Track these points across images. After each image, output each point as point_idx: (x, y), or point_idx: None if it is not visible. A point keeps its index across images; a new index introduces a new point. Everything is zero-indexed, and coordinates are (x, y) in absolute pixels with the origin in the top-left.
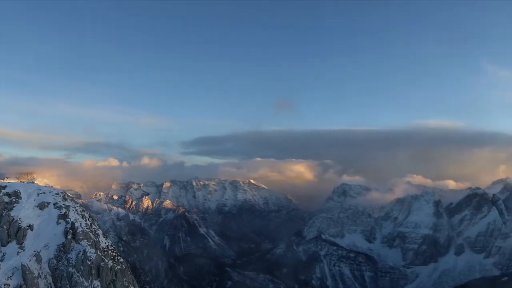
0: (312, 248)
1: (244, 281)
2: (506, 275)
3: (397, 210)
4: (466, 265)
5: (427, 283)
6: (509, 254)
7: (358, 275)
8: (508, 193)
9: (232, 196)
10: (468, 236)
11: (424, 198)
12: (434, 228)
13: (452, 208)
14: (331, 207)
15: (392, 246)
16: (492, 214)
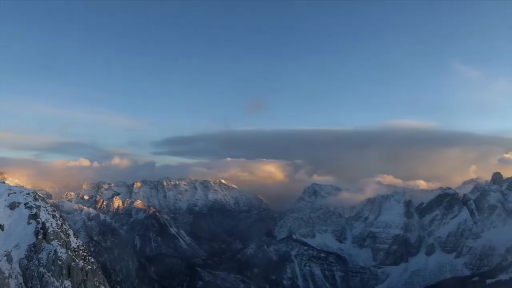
0: (283, 248)
1: (215, 281)
2: (476, 275)
3: (367, 210)
4: (437, 265)
5: (398, 283)
6: (479, 254)
7: (329, 275)
8: (479, 193)
9: (203, 196)
10: (439, 236)
11: (395, 198)
12: (405, 228)
13: (423, 208)
14: (301, 207)
15: (362, 246)
16: (462, 214)
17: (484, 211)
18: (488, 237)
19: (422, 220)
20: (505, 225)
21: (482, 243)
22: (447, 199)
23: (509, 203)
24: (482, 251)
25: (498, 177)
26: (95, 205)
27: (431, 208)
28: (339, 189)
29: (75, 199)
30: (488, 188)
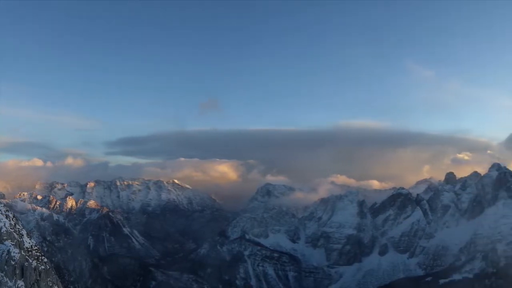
0: (236, 248)
1: (168, 281)
2: (430, 275)
3: (321, 210)
4: (390, 265)
5: (351, 283)
6: (433, 254)
7: (282, 275)
8: (432, 193)
9: (156, 196)
10: (392, 236)
11: (348, 198)
12: (358, 228)
13: (376, 208)
14: (255, 207)
15: (316, 246)
16: (416, 214)
17: (437, 211)
18: (441, 237)
19: (376, 220)
20: (458, 225)
21: (435, 243)
22: (400, 199)
23: (462, 203)
24: (435, 251)
25: (451, 177)
26: (49, 205)
27: (384, 208)
28: (292, 189)
29: (28, 199)
30: (441, 188)
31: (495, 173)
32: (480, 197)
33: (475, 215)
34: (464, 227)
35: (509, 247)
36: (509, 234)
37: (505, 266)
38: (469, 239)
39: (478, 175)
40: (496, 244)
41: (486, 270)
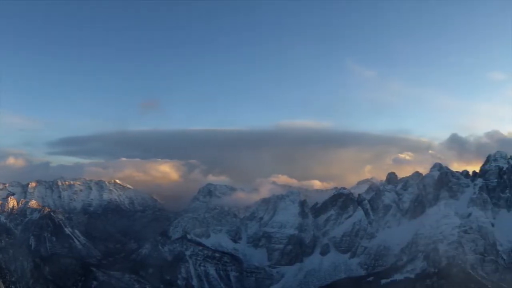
0: (177, 248)
1: (109, 281)
2: (371, 275)
3: (262, 210)
4: (332, 265)
5: (293, 283)
6: (374, 254)
7: (224, 275)
8: (374, 193)
9: (97, 196)
10: (334, 236)
11: (290, 198)
12: (300, 228)
13: (318, 208)
14: (196, 207)
15: (257, 246)
16: (357, 214)
17: (378, 211)
18: (382, 237)
19: (317, 220)
20: (400, 225)
21: (377, 243)
22: (341, 199)
23: (404, 203)
24: (376, 251)
25: (393, 177)
26: None
27: (326, 208)
28: (234, 189)
29: None
30: (382, 188)
31: (437, 173)
32: (422, 197)
33: (416, 215)
34: (405, 227)
35: (450, 247)
36: (451, 234)
37: (447, 266)
38: (411, 239)
39: (420, 175)
40: (437, 244)
41: (428, 270)
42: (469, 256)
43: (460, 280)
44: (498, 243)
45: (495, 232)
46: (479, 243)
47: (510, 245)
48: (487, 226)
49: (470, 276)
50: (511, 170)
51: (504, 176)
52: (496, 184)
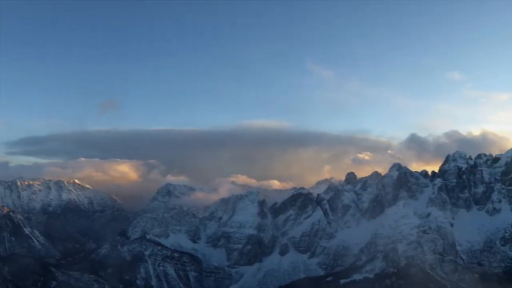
0: (136, 248)
1: (68, 281)
2: (330, 275)
3: (221, 210)
4: (291, 265)
5: (252, 283)
6: (333, 254)
7: (183, 275)
8: (333, 193)
9: (56, 196)
10: (293, 236)
11: (249, 198)
12: (259, 228)
13: (277, 208)
14: (155, 207)
15: (216, 246)
16: (316, 214)
17: (338, 211)
18: (342, 237)
19: (276, 220)
20: (359, 225)
21: (336, 243)
22: (300, 199)
23: (363, 203)
24: (336, 251)
25: (352, 177)
26: None
27: (285, 208)
28: (193, 189)
29: None
30: (342, 188)
31: (396, 173)
32: (381, 197)
33: (375, 215)
34: (364, 227)
35: (409, 247)
36: (410, 234)
37: (406, 266)
38: (370, 239)
39: (379, 175)
40: (396, 244)
41: (387, 270)
42: (428, 256)
43: (419, 280)
44: (457, 243)
45: (454, 232)
46: (438, 243)
47: (469, 245)
48: (446, 226)
49: (429, 276)
50: (470, 170)
51: (463, 176)
52: (455, 184)
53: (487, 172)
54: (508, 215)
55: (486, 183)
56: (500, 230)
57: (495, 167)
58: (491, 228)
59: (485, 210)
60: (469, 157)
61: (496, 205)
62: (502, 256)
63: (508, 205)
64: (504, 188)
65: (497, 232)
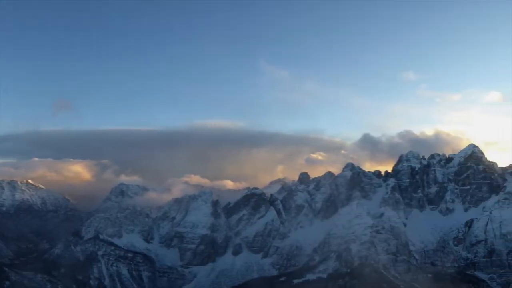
0: (89, 248)
1: (22, 281)
2: (284, 275)
3: (175, 210)
4: (244, 265)
5: (205, 283)
6: (286, 254)
7: (136, 275)
8: (286, 193)
9: (10, 196)
10: (246, 236)
11: (202, 198)
12: (212, 228)
13: (230, 208)
14: (108, 207)
15: (170, 246)
16: (269, 214)
17: (291, 211)
18: (295, 237)
19: (229, 220)
20: (312, 225)
21: (289, 243)
22: (254, 199)
23: (316, 203)
24: (289, 251)
25: (305, 177)
26: None
27: (238, 208)
28: (146, 189)
29: None
30: (295, 188)
31: (349, 173)
32: (334, 197)
33: (329, 215)
34: (318, 227)
35: (362, 247)
36: (363, 234)
37: (359, 266)
38: (323, 239)
39: (332, 175)
40: (350, 244)
41: (340, 270)
42: (382, 256)
43: (372, 280)
44: (410, 243)
45: (407, 232)
46: (392, 243)
47: (422, 245)
48: (399, 226)
49: (383, 276)
50: (423, 170)
51: (416, 176)
52: (408, 184)
53: (440, 172)
54: (461, 215)
55: (439, 183)
56: (453, 230)
57: (448, 167)
58: (444, 228)
59: (438, 210)
60: (422, 157)
61: (449, 205)
62: (455, 256)
63: (461, 205)
64: (457, 188)
65: (450, 232)
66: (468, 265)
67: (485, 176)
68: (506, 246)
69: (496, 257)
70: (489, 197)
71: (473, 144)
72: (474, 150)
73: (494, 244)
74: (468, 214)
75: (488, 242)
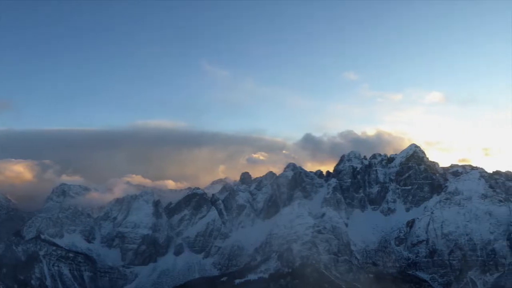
0: (31, 248)
1: None
2: (225, 275)
3: (116, 210)
4: (186, 265)
5: (147, 283)
6: (228, 254)
7: (78, 275)
8: (227, 193)
9: None
10: (188, 236)
11: (144, 198)
12: (154, 228)
13: (172, 208)
14: (50, 207)
15: (111, 246)
16: (211, 214)
17: (232, 211)
18: (236, 237)
19: (171, 220)
20: (254, 225)
21: (231, 243)
22: (195, 199)
23: (258, 203)
24: (230, 251)
25: (247, 177)
26: None
27: (179, 208)
28: (88, 189)
29: None
30: (236, 188)
31: (291, 173)
32: (276, 197)
33: (270, 215)
34: (259, 227)
35: (304, 247)
36: (304, 234)
37: (300, 266)
38: (265, 239)
39: (274, 175)
40: (291, 244)
41: (282, 270)
42: (323, 256)
43: (314, 280)
44: (351, 243)
45: (349, 232)
46: (333, 243)
47: (364, 245)
48: (341, 226)
49: (324, 276)
50: (364, 170)
51: (357, 176)
52: (350, 184)
53: (382, 172)
54: (403, 215)
55: (380, 183)
56: (394, 230)
57: (389, 167)
58: (386, 228)
59: (379, 210)
60: (364, 157)
61: (391, 205)
62: (396, 256)
63: (403, 205)
64: (398, 188)
65: (392, 232)
66: (409, 265)
67: (427, 176)
68: (447, 246)
69: (437, 257)
70: (430, 197)
71: (415, 144)
72: (415, 150)
73: (435, 244)
74: (410, 214)
75: (430, 242)
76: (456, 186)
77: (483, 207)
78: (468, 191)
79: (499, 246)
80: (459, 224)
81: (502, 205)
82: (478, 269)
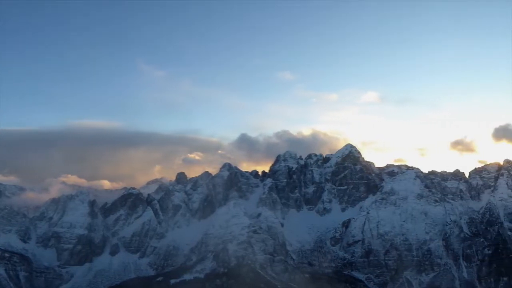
0: None
1: None
2: (161, 275)
3: (52, 210)
4: (122, 265)
5: (82, 283)
6: (164, 254)
7: (13, 275)
8: (163, 193)
9: None
10: (123, 236)
11: (79, 198)
12: (89, 228)
13: (107, 208)
14: None
15: (47, 246)
16: (147, 214)
17: (168, 211)
18: (172, 237)
19: (107, 220)
20: (189, 225)
21: (167, 243)
22: (131, 199)
23: (193, 203)
24: (166, 251)
25: (183, 177)
26: None
27: (115, 208)
28: (23, 189)
29: None
30: (172, 188)
31: (226, 173)
32: (211, 197)
33: (206, 215)
34: (195, 227)
35: (240, 247)
36: (240, 234)
37: (236, 266)
38: (200, 239)
39: (209, 175)
40: (227, 244)
41: (217, 270)
42: (259, 256)
43: (249, 280)
44: (287, 243)
45: (284, 232)
46: (269, 243)
47: (300, 245)
48: (276, 226)
49: (260, 276)
50: (300, 170)
51: (293, 176)
52: (286, 184)
53: (318, 172)
54: (338, 215)
55: (316, 183)
56: (330, 230)
57: (325, 167)
58: (322, 228)
59: (315, 210)
60: (300, 157)
61: (327, 205)
62: (332, 256)
63: (338, 205)
64: (334, 188)
65: (327, 232)
66: (345, 265)
67: (362, 176)
68: (383, 246)
69: (373, 257)
70: (366, 197)
71: (350, 144)
72: (351, 150)
73: (371, 244)
74: (345, 214)
75: (365, 242)
76: (391, 186)
77: (418, 207)
78: (404, 191)
79: (434, 246)
80: (395, 224)
81: (438, 205)
82: (414, 269)
